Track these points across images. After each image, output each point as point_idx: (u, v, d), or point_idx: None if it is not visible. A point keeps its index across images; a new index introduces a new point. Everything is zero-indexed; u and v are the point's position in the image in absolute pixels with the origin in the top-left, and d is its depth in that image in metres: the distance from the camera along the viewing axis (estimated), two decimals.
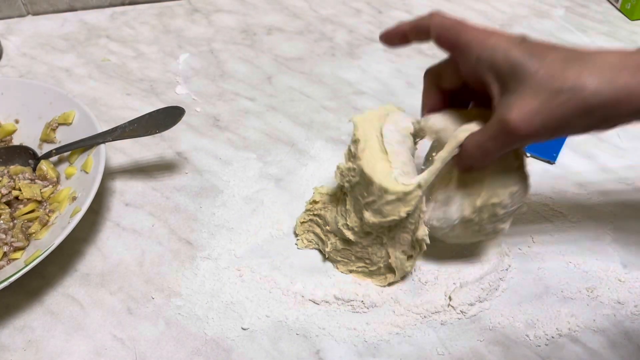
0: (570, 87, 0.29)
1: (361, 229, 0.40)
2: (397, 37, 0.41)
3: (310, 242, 0.45)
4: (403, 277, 0.43)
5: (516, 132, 0.31)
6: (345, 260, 0.43)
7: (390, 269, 0.42)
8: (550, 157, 0.52)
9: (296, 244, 0.45)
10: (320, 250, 0.45)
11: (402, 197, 0.36)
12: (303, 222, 0.45)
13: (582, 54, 0.31)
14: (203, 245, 0.45)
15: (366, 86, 0.63)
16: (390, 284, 0.43)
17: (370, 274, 0.43)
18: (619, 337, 0.40)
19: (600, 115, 0.30)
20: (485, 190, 0.36)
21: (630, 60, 0.30)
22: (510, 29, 0.73)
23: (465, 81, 0.37)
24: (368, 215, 0.38)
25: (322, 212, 0.44)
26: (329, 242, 0.43)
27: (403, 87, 0.63)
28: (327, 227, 0.43)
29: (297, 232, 0.46)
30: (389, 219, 0.37)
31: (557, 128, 0.30)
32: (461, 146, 0.36)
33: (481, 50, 0.33)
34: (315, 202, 0.45)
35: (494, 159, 0.34)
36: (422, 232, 0.39)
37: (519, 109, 0.31)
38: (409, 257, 0.41)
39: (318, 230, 0.44)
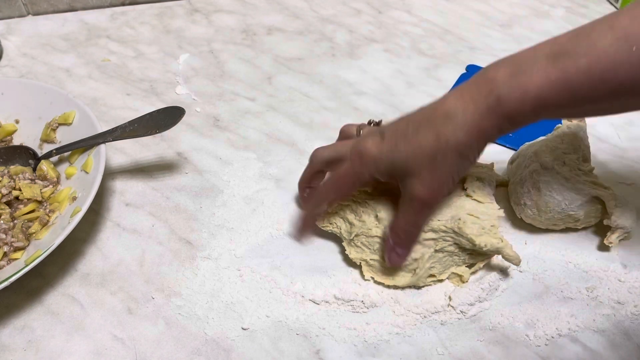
0: (437, 149, 0.35)
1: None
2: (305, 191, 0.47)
3: (331, 224, 0.45)
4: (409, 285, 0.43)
5: (427, 201, 0.37)
6: (363, 248, 0.43)
7: (405, 272, 0.42)
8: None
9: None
10: (334, 234, 0.45)
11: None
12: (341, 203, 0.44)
13: (427, 118, 0.36)
14: (203, 245, 0.45)
15: (366, 86, 0.63)
16: (392, 286, 0.42)
17: (378, 270, 0.43)
18: (619, 337, 0.40)
19: (469, 150, 0.35)
20: None
21: (464, 103, 0.34)
22: (510, 29, 0.73)
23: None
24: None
25: (370, 201, 0.43)
26: (363, 225, 0.43)
27: (403, 87, 0.63)
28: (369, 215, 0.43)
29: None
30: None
31: (450, 177, 0.36)
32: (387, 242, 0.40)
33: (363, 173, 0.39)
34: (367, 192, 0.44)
35: (421, 230, 0.40)
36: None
37: (420, 185, 0.36)
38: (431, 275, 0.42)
39: (351, 216, 0.43)
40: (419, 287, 0.43)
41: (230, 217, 0.48)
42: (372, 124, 0.45)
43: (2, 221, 0.44)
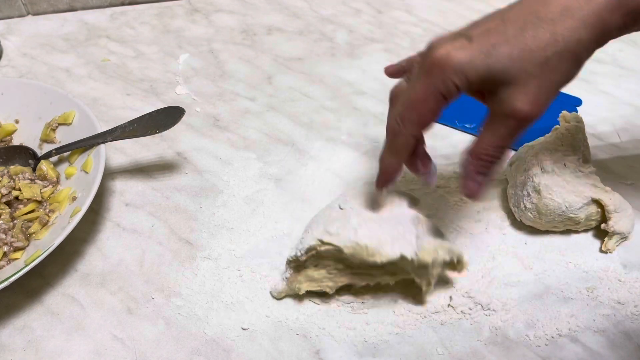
0: (554, 51, 0.29)
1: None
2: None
3: (314, 280, 0.40)
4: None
5: (529, 117, 0.31)
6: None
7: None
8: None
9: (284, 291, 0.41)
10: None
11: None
12: (311, 251, 0.39)
13: (532, 14, 0.30)
14: (203, 245, 0.45)
15: (366, 86, 0.63)
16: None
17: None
18: (619, 337, 0.40)
19: (586, 54, 0.30)
20: None
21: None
22: None
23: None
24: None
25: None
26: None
27: None
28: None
29: (293, 269, 0.41)
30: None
31: (558, 88, 0.31)
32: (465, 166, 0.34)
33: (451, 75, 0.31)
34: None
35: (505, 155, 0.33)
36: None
37: (523, 96, 0.30)
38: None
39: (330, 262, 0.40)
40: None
41: (230, 217, 0.48)
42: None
43: (2, 221, 0.44)
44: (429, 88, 0.31)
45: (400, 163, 0.35)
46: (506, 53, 0.29)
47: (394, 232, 0.38)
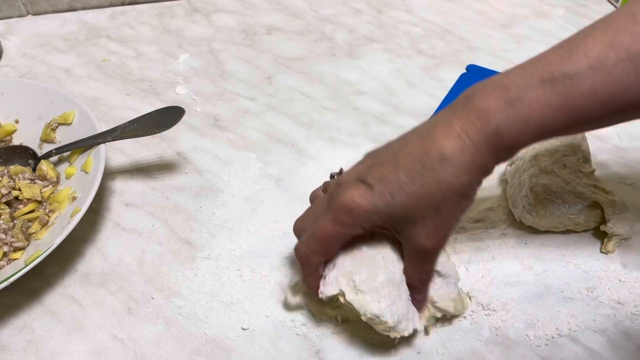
0: (441, 197, 0.32)
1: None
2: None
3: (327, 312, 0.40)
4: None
5: (435, 250, 0.35)
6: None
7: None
8: None
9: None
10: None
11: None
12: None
13: (419, 161, 0.33)
14: (203, 245, 0.45)
15: (366, 86, 0.63)
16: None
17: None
18: (619, 337, 0.40)
19: (472, 190, 0.33)
20: None
21: (461, 141, 0.32)
22: (510, 29, 0.73)
23: None
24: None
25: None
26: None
27: (403, 87, 0.63)
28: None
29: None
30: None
31: (455, 222, 0.34)
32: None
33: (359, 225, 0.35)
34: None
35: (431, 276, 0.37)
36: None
37: (424, 235, 0.34)
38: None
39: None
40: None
41: (230, 217, 0.48)
42: (334, 177, 0.41)
43: (2, 221, 0.44)
44: (335, 229, 0.35)
45: (313, 284, 0.38)
46: (403, 201, 0.33)
47: (407, 299, 0.37)
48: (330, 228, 0.35)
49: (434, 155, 0.32)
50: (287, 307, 0.41)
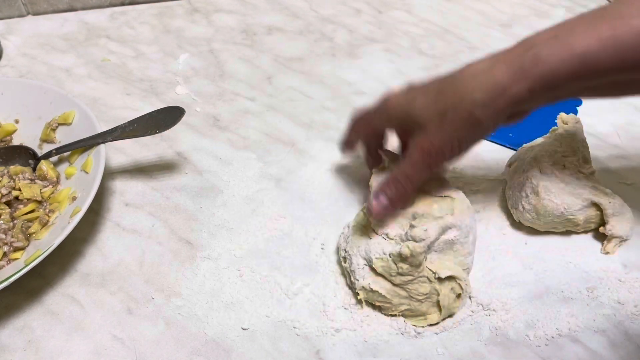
0: (451, 105, 0.34)
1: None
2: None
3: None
4: (444, 318, 0.40)
5: (427, 150, 0.36)
6: (388, 304, 0.40)
7: (432, 308, 0.40)
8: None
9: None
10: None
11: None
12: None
13: (452, 75, 0.36)
14: (203, 245, 0.45)
15: (366, 86, 0.63)
16: (430, 325, 0.40)
17: (410, 315, 0.40)
18: (619, 337, 0.40)
19: (483, 116, 0.34)
20: None
21: (496, 61, 0.33)
22: (510, 29, 0.73)
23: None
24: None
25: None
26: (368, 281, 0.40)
27: None
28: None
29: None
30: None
31: (456, 139, 0.35)
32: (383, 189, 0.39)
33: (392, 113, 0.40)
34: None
35: (418, 184, 0.39)
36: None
37: (425, 136, 0.36)
38: (458, 295, 0.40)
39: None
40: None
41: (230, 217, 0.48)
42: None
43: (2, 221, 0.44)
44: (373, 112, 0.42)
45: (348, 137, 0.46)
46: (421, 103, 0.36)
47: None
48: (372, 109, 0.42)
49: (466, 72, 0.34)
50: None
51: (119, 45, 0.68)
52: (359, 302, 0.41)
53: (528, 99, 0.32)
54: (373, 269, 0.39)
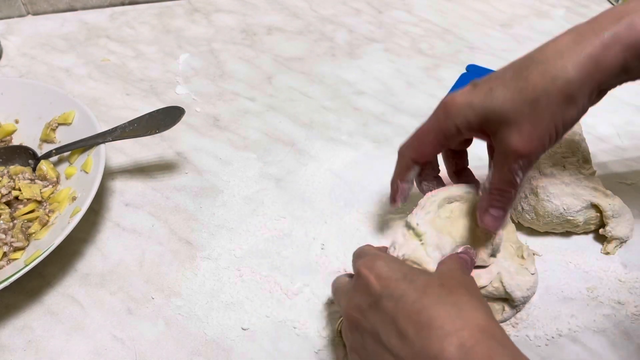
0: (542, 90, 0.30)
1: None
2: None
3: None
4: None
5: (524, 155, 0.32)
6: None
7: None
8: None
9: None
10: None
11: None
12: None
13: (530, 58, 0.31)
14: (203, 245, 0.45)
15: (366, 86, 0.63)
16: None
17: None
18: (619, 337, 0.40)
19: (580, 93, 0.30)
20: None
21: (581, 35, 0.30)
22: (510, 28, 0.73)
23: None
24: None
25: None
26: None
27: (403, 87, 0.63)
28: None
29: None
30: None
31: (553, 127, 0.31)
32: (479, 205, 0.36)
33: (454, 118, 0.34)
34: None
35: (518, 189, 0.34)
36: None
37: (517, 135, 0.31)
38: None
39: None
40: None
41: (230, 217, 0.48)
42: None
43: (1, 221, 0.44)
44: (431, 124, 0.35)
45: (395, 180, 0.39)
46: (502, 95, 0.31)
47: None
48: (426, 124, 0.36)
49: (549, 50, 0.30)
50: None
51: (119, 45, 0.68)
52: None
53: (622, 70, 0.30)
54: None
